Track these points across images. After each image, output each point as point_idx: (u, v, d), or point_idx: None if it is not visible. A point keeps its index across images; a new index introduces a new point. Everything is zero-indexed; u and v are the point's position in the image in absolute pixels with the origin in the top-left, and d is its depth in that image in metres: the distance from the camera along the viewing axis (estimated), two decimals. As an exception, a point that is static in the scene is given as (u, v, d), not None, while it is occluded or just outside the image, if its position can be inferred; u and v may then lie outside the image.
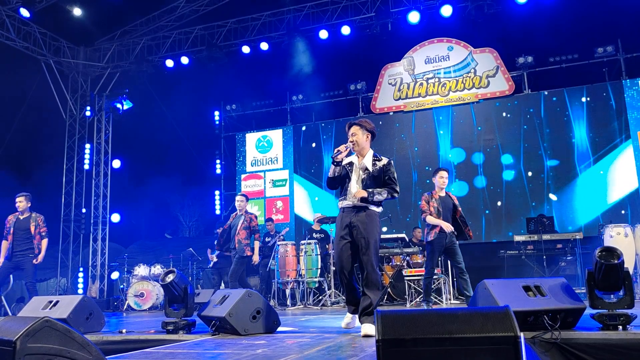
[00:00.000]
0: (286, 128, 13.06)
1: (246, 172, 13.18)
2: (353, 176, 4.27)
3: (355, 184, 4.24)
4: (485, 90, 11.43)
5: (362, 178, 4.24)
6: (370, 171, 4.24)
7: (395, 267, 9.24)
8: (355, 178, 4.26)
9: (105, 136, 13.49)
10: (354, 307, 4.33)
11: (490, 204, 11.05)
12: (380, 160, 4.31)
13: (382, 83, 12.21)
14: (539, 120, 11.04)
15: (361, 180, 4.23)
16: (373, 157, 4.32)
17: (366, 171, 4.25)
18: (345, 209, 4.27)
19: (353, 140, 4.29)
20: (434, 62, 11.90)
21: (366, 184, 4.21)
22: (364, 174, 4.25)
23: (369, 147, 4.39)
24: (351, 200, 4.23)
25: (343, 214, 4.27)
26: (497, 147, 11.22)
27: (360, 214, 4.19)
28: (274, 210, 12.69)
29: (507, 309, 2.02)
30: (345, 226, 4.21)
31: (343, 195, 4.33)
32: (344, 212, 4.27)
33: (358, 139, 4.30)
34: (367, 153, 4.33)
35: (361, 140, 4.30)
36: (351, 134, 4.33)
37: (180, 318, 4.61)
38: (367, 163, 4.28)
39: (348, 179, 4.28)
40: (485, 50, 11.57)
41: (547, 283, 3.91)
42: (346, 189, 4.29)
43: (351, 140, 4.30)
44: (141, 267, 10.46)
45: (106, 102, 13.20)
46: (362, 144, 4.31)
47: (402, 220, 11.28)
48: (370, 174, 4.23)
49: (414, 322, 2.01)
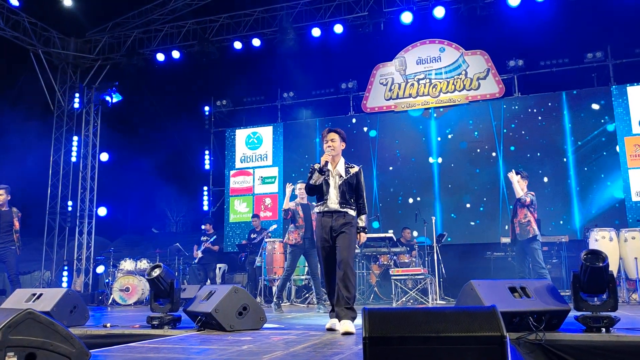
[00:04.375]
0: (276, 125, 13.03)
1: (235, 169, 13.12)
2: (331, 182, 4.48)
3: (333, 189, 4.45)
4: (476, 92, 11.48)
5: (338, 184, 4.47)
6: (345, 178, 4.48)
7: (382, 267, 9.26)
8: (332, 184, 4.47)
9: (94, 129, 13.36)
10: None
11: (477, 206, 11.10)
12: (353, 168, 4.58)
13: (373, 82, 12.22)
14: (527, 123, 11.11)
15: (338, 186, 4.46)
16: (345, 164, 4.58)
17: (341, 177, 4.48)
18: (325, 213, 4.46)
19: (332, 146, 4.50)
20: (425, 63, 11.93)
21: (342, 190, 4.45)
22: (340, 180, 4.48)
23: (341, 154, 4.64)
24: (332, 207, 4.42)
25: (323, 218, 4.46)
26: (486, 149, 11.27)
27: (340, 218, 4.40)
28: (263, 207, 12.66)
29: (494, 308, 2.03)
30: (328, 231, 4.40)
31: (323, 200, 4.48)
32: (323, 216, 4.46)
33: (336, 145, 4.53)
34: (339, 160, 4.57)
35: (338, 148, 4.56)
36: (331, 139, 4.54)
37: (165, 313, 4.58)
38: (341, 169, 4.53)
39: (327, 184, 4.47)
40: (477, 53, 11.62)
41: (533, 285, 3.94)
42: (325, 194, 4.46)
43: (329, 146, 4.50)
44: (127, 261, 10.38)
45: (95, 95, 13.07)
46: (338, 150, 4.57)
47: (391, 220, 11.30)
48: (345, 181, 4.48)
49: (401, 320, 2.00)
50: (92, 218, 13.01)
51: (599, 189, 10.45)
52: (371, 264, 9.57)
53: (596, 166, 10.57)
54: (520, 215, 6.88)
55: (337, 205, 4.41)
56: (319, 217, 4.52)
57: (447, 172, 11.43)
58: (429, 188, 11.47)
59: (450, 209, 11.28)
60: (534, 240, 6.75)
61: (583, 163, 10.66)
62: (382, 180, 11.81)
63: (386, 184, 11.78)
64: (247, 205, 12.79)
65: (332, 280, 4.41)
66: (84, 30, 13.01)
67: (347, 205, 4.43)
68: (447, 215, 11.25)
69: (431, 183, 11.47)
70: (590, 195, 10.49)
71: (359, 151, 11.86)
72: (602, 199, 10.40)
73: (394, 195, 11.70)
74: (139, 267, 10.24)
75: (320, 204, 4.51)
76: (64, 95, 13.13)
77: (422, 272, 8.34)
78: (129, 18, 12.70)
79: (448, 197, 11.33)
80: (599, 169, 10.54)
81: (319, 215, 4.51)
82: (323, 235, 4.42)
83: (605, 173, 10.48)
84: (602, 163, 10.54)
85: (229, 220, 12.90)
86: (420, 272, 8.33)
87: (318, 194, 4.52)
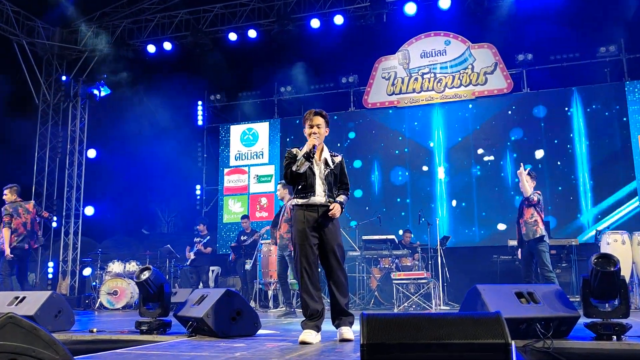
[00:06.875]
0: (273, 121, 13.03)
1: (229, 167, 13.12)
2: (315, 171, 4.22)
3: (318, 179, 4.20)
4: (483, 88, 11.49)
5: (325, 173, 4.23)
6: (331, 167, 4.27)
7: (383, 270, 9.27)
8: (318, 173, 4.22)
9: (81, 124, 13.35)
10: (320, 321, 4.09)
11: (482, 206, 11.11)
12: (337, 156, 4.36)
13: (375, 77, 12.22)
14: (537, 121, 11.12)
15: (325, 177, 4.22)
16: (330, 153, 4.35)
17: (327, 167, 4.26)
18: (309, 206, 4.16)
19: (318, 132, 4.25)
20: (430, 57, 11.94)
21: (329, 181, 4.22)
22: (325, 170, 4.25)
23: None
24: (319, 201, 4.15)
25: (306, 211, 4.15)
26: (493, 148, 11.28)
27: (326, 213, 4.14)
28: (258, 207, 12.66)
29: (498, 314, 2.03)
30: (313, 227, 4.12)
31: (307, 191, 4.18)
32: (307, 210, 4.15)
33: (322, 132, 4.30)
34: (322, 147, 4.31)
35: (323, 133, 4.31)
36: (316, 124, 4.27)
37: (155, 318, 4.57)
38: (327, 157, 4.29)
39: (312, 173, 4.20)
40: (484, 46, 11.63)
41: (540, 290, 3.94)
42: (310, 185, 4.18)
43: (314, 132, 4.23)
44: (115, 263, 10.39)
45: (82, 88, 13.05)
46: (322, 136, 4.31)
47: (392, 221, 11.31)
48: (331, 171, 4.25)
49: (401, 327, 2.01)
50: (79, 218, 13.00)
51: (612, 189, 10.46)
52: (372, 267, 9.58)
53: (609, 165, 10.57)
54: (527, 214, 6.89)
55: (324, 199, 4.16)
56: (299, 212, 4.18)
57: (452, 171, 11.43)
58: (432, 187, 11.47)
59: (455, 210, 11.28)
60: (540, 240, 6.76)
61: (595, 162, 10.67)
62: (383, 179, 11.81)
63: (388, 183, 11.78)
64: (241, 205, 12.79)
65: (317, 284, 4.14)
66: (70, 20, 12.97)
67: (333, 198, 4.20)
68: (452, 216, 11.26)
69: (435, 182, 11.47)
70: (602, 196, 10.50)
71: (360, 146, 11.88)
72: (615, 200, 10.41)
73: (395, 195, 11.70)
74: (128, 270, 10.24)
75: (301, 196, 4.19)
76: (49, 89, 13.11)
77: (425, 276, 8.35)
78: (118, 7, 12.67)
79: (452, 197, 11.34)
80: (611, 168, 10.55)
81: (300, 209, 4.18)
82: (307, 230, 4.09)
83: (619, 172, 10.49)
84: (615, 162, 10.55)
85: (222, 220, 12.90)
86: (423, 276, 8.34)
87: (299, 184, 4.20)
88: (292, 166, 4.16)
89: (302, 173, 4.15)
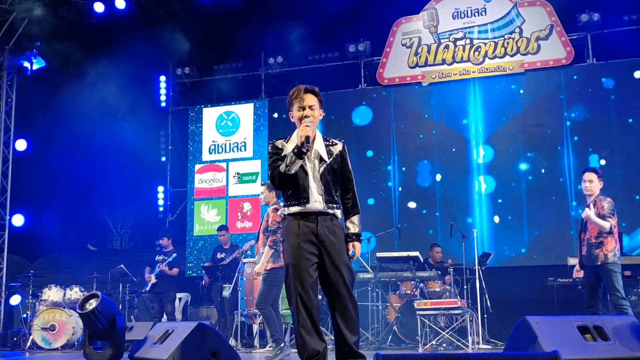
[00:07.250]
0: (259, 102, 13.04)
1: (202, 162, 13.13)
2: (308, 169, 4.13)
3: (313, 181, 4.12)
4: (535, 58, 11.49)
5: (320, 172, 4.14)
6: (328, 162, 4.17)
7: (404, 298, 9.27)
8: (311, 172, 4.14)
9: (7, 106, 13.34)
10: None
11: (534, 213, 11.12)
12: (334, 145, 4.25)
13: (392, 44, 12.22)
14: (606, 100, 11.12)
15: (320, 176, 4.14)
16: (325, 141, 4.26)
17: (323, 162, 4.17)
18: (305, 215, 4.11)
19: (311, 115, 4.13)
20: (464, 18, 11.94)
21: (326, 180, 4.13)
22: (321, 166, 4.16)
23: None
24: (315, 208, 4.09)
25: (302, 221, 4.11)
26: (548, 136, 11.28)
27: (326, 223, 4.11)
28: (240, 215, 12.67)
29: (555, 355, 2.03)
30: (310, 241, 4.06)
31: (300, 196, 4.12)
32: (302, 220, 4.12)
33: (315, 114, 4.19)
34: (316, 135, 4.20)
35: (317, 117, 4.21)
36: (309, 105, 4.16)
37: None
38: (320, 149, 4.19)
39: (303, 173, 4.13)
40: (536, 3, 11.63)
41: (611, 323, 3.96)
42: (303, 188, 4.11)
43: (306, 115, 4.11)
44: (52, 289, 10.39)
45: (9, 59, 13.04)
46: (316, 121, 4.22)
47: (417, 234, 11.30)
48: (328, 166, 4.16)
49: (428, 371, 2.01)
50: (5, 229, 12.99)
51: None
52: (389, 294, 9.58)
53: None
54: (592, 232, 6.84)
55: (323, 205, 4.09)
56: (293, 222, 4.14)
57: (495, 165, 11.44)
58: (468, 189, 11.47)
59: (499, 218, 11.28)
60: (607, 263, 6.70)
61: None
62: (404, 179, 11.81)
63: (411, 183, 11.78)
64: (218, 212, 12.80)
65: (316, 316, 4.06)
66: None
67: (334, 203, 4.15)
68: (494, 226, 11.26)
69: (470, 182, 11.47)
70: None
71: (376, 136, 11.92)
72: None
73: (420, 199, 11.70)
74: (69, 298, 10.25)
75: (293, 203, 4.15)
76: (-34, 60, 13.13)
77: (460, 305, 8.35)
78: (56, -47, 12.70)
79: (494, 201, 11.33)
80: None
81: (294, 218, 4.14)
82: (303, 246, 4.03)
83: None
84: None
85: (193, 232, 12.92)
86: (456, 305, 8.34)
87: (289, 188, 4.16)
88: (280, 165, 4.10)
89: (293, 174, 4.09)
